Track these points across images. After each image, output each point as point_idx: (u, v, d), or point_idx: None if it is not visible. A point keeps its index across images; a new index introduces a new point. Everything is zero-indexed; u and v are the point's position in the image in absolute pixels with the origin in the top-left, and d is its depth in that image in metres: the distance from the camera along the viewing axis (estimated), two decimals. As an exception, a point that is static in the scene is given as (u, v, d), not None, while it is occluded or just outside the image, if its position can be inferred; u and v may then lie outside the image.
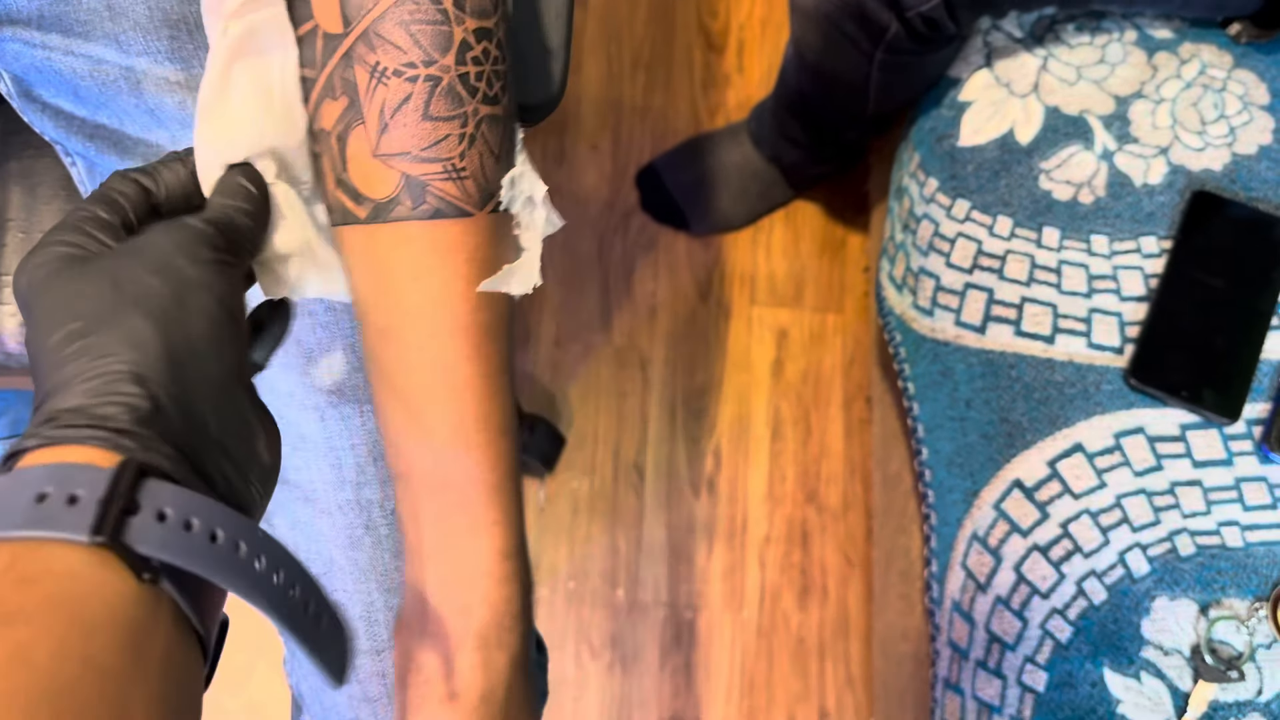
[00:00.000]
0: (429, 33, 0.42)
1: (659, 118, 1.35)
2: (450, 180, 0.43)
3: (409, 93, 0.42)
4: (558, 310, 1.27)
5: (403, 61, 0.41)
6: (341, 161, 0.43)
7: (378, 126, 0.42)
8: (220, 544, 0.30)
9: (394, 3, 0.41)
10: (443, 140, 0.42)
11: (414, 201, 0.43)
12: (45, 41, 0.55)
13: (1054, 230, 0.83)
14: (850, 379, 1.25)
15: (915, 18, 0.80)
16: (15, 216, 0.66)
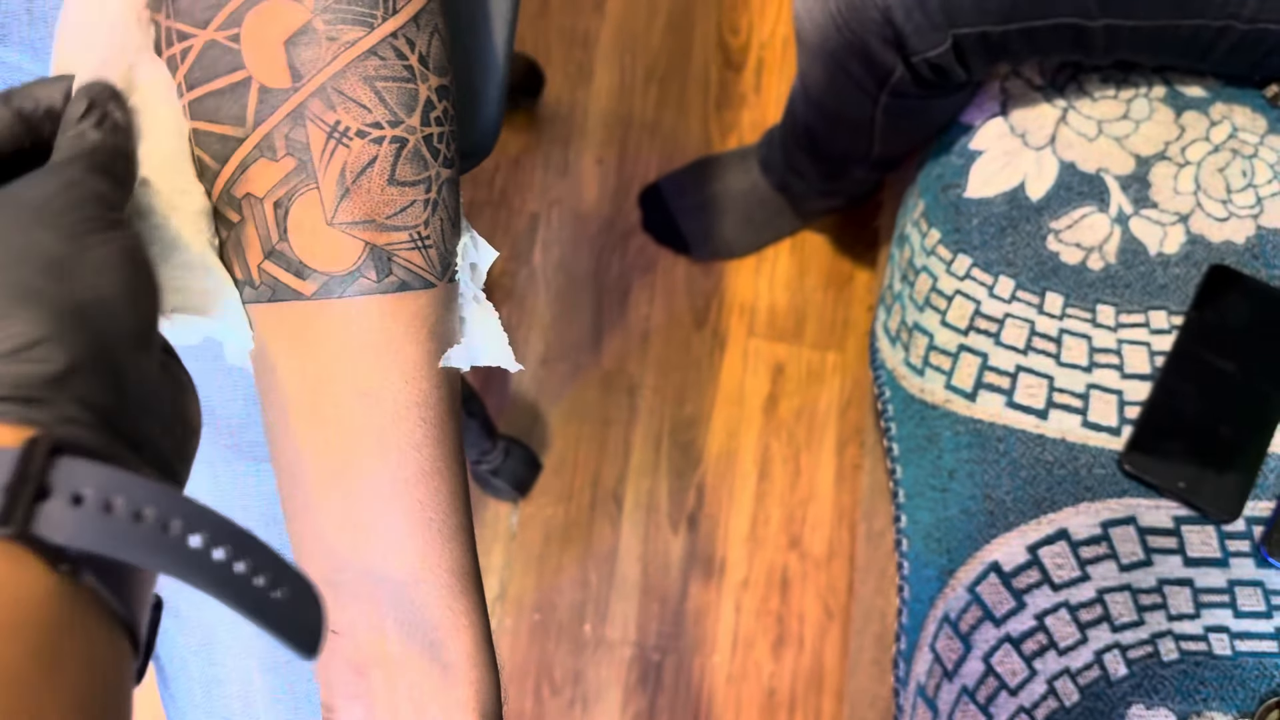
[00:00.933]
0: (396, 90, 0.38)
1: (669, 135, 1.31)
2: (416, 249, 0.39)
3: (374, 155, 0.38)
4: (547, 328, 1.23)
5: (367, 121, 0.37)
6: (280, 231, 0.38)
7: (336, 192, 0.38)
8: (147, 524, 0.26)
9: (357, 56, 0.37)
10: (409, 207, 0.39)
11: (378, 274, 0.38)
12: (-41, 41, 0.51)
13: (1058, 296, 0.78)
14: (846, 421, 1.20)
15: (921, 63, 0.75)
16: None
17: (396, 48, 0.38)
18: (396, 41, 0.38)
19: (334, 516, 0.39)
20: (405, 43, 0.38)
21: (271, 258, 0.38)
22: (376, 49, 0.37)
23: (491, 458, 1.10)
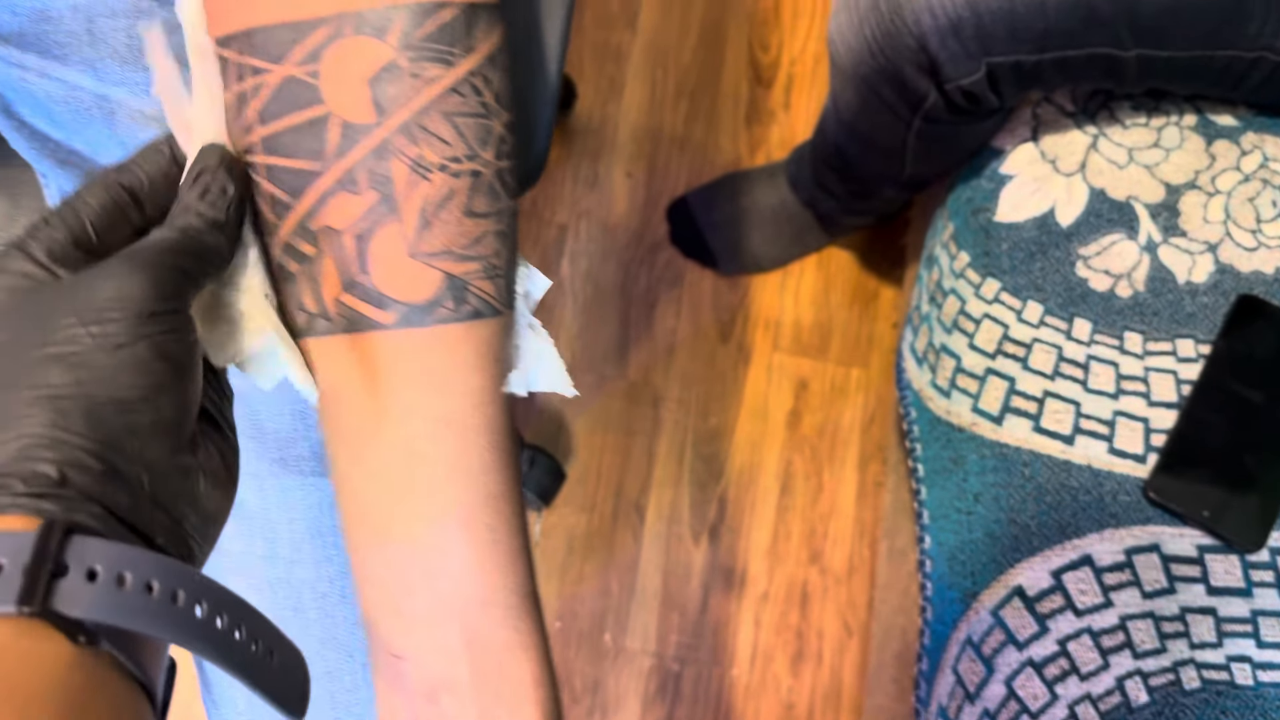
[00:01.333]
0: (473, 126, 0.39)
1: (698, 149, 1.32)
2: (488, 278, 0.40)
3: (453, 188, 0.39)
4: (574, 339, 1.24)
5: (447, 156, 0.39)
6: (360, 263, 0.39)
7: (417, 224, 0.39)
8: (156, 596, 0.29)
9: (440, 92, 0.38)
10: (483, 237, 0.40)
11: (455, 303, 0.40)
12: (22, 61, 0.53)
13: (1086, 322, 0.79)
14: (869, 438, 1.21)
15: (955, 90, 0.75)
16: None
17: (474, 85, 0.39)
18: (474, 79, 0.39)
19: (404, 543, 0.40)
20: (482, 80, 0.39)
21: (350, 290, 0.39)
22: (457, 86, 0.38)
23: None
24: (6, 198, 0.65)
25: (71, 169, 0.54)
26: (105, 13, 0.51)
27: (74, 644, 0.28)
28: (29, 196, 0.65)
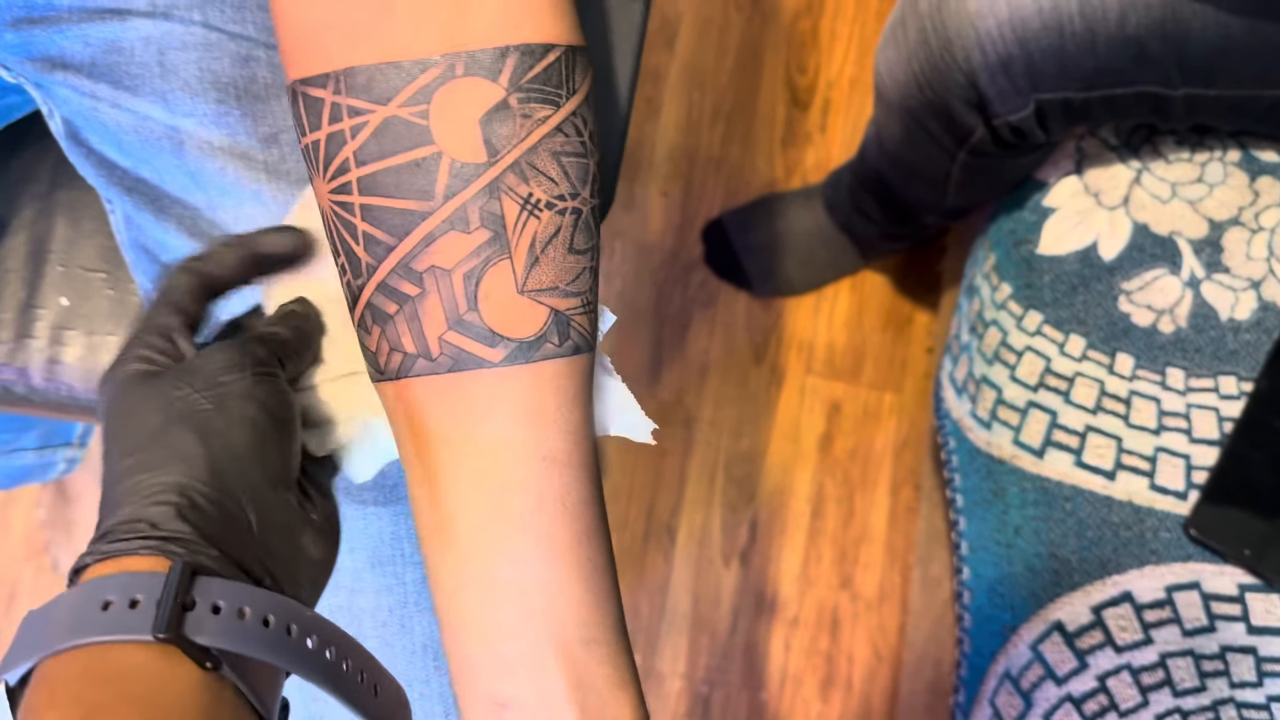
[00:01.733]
0: (576, 165, 0.40)
1: (734, 170, 1.32)
2: (585, 314, 0.41)
3: (559, 225, 0.40)
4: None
5: (554, 194, 0.40)
6: (471, 300, 0.39)
7: (527, 261, 0.39)
8: (273, 628, 0.33)
9: (548, 132, 0.39)
10: (582, 273, 0.41)
11: (560, 338, 0.40)
12: (95, 91, 0.54)
13: (1128, 357, 0.79)
14: (901, 463, 1.21)
15: (1003, 125, 0.76)
16: (56, 249, 0.65)
17: (576, 125, 0.40)
18: (576, 119, 0.40)
19: (505, 585, 0.40)
20: (582, 120, 0.40)
21: (457, 327, 0.39)
22: (562, 126, 0.39)
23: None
24: (69, 220, 0.66)
25: (138, 196, 0.55)
26: (176, 45, 0.52)
27: (202, 669, 0.32)
28: (91, 219, 0.66)
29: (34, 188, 0.66)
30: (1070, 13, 0.69)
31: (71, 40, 0.54)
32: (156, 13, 0.52)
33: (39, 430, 0.86)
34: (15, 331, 0.64)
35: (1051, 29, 0.69)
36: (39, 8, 0.55)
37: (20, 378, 0.63)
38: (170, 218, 0.53)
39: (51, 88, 0.57)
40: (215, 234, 0.52)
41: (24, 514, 1.12)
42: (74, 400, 0.64)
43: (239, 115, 0.51)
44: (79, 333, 0.64)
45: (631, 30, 0.45)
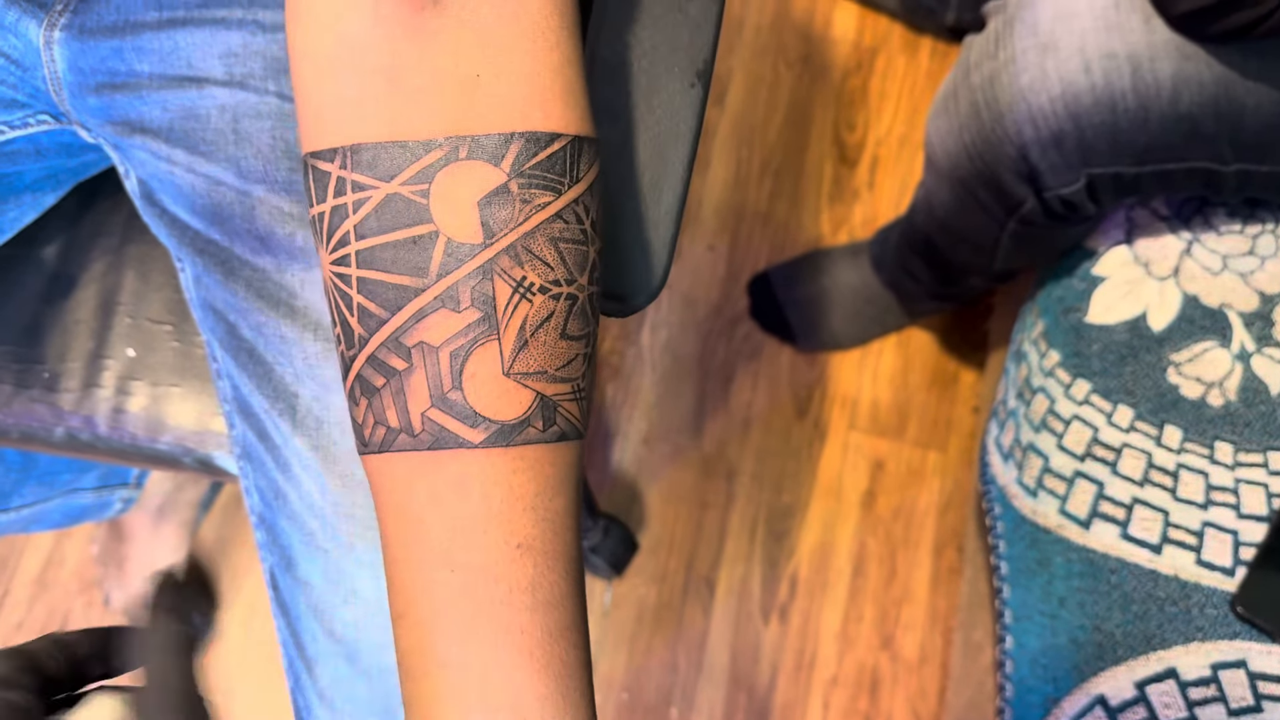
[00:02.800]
0: (574, 251, 0.41)
1: (781, 226, 1.33)
2: (575, 401, 0.41)
3: (552, 310, 0.40)
4: (651, 408, 1.25)
5: (549, 279, 0.40)
6: (454, 379, 0.39)
7: (515, 344, 0.40)
8: None
9: (546, 218, 0.40)
10: (574, 360, 0.41)
11: (544, 423, 0.40)
12: (171, 155, 0.56)
13: (1176, 430, 0.78)
14: (944, 523, 1.20)
15: (1054, 198, 0.76)
16: (125, 301, 0.67)
17: (577, 212, 0.41)
18: (577, 207, 0.41)
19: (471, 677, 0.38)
20: (583, 208, 0.41)
21: (440, 405, 0.39)
22: (562, 213, 0.40)
23: (591, 535, 1.12)
24: (138, 274, 0.68)
25: (208, 257, 0.56)
26: (250, 114, 0.54)
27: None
28: (159, 274, 0.68)
29: (105, 241, 0.69)
30: (1123, 89, 0.69)
31: (151, 106, 0.57)
32: (233, 82, 0.55)
33: (98, 471, 0.88)
34: (83, 380, 0.66)
35: (1104, 105, 0.70)
36: (121, 74, 0.57)
37: (86, 425, 0.65)
38: (239, 279, 0.55)
39: (129, 150, 0.59)
40: (282, 296, 0.54)
41: (77, 549, 1.15)
42: (136, 448, 0.66)
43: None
44: (144, 383, 0.66)
45: (690, 114, 0.46)
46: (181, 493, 1.01)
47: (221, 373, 0.58)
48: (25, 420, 0.65)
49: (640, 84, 0.47)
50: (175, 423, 0.65)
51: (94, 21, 0.58)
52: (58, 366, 0.66)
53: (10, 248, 0.68)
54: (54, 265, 0.68)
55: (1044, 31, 0.71)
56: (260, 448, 0.56)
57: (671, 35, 0.47)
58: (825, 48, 1.42)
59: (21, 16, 0.58)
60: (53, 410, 0.65)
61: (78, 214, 0.69)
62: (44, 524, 0.85)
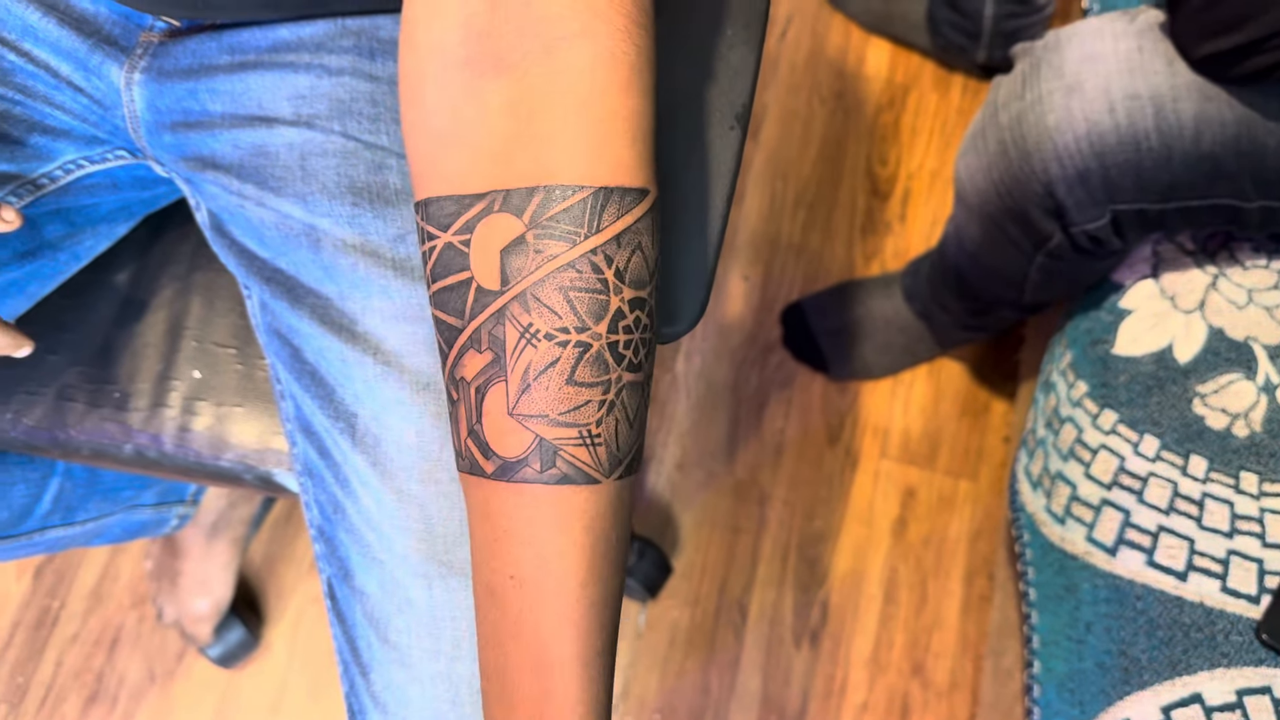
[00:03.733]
0: (586, 300, 0.42)
1: (814, 257, 1.36)
2: (583, 446, 0.43)
3: (557, 356, 0.42)
4: (685, 435, 1.28)
5: (555, 326, 0.42)
6: (477, 413, 0.44)
7: (519, 386, 0.43)
8: None
9: (557, 268, 0.42)
10: (583, 406, 0.43)
11: (542, 465, 0.43)
12: (241, 190, 0.60)
13: (1202, 460, 0.80)
14: (975, 551, 1.22)
15: (1080, 234, 0.79)
16: (192, 325, 0.71)
17: (594, 263, 0.42)
18: (595, 257, 0.42)
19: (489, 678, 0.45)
20: (603, 258, 0.42)
21: (471, 436, 0.44)
22: (575, 263, 0.42)
23: (627, 557, 1.15)
24: (204, 300, 0.72)
25: (275, 285, 0.60)
26: (317, 152, 0.58)
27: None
28: (224, 299, 0.72)
29: (174, 269, 0.73)
30: (1146, 129, 0.71)
31: (222, 143, 0.60)
32: (300, 122, 0.58)
33: (158, 488, 0.92)
34: (151, 400, 0.70)
35: (1128, 145, 0.72)
36: (195, 114, 0.61)
37: (153, 443, 0.69)
38: (304, 306, 0.58)
39: (201, 184, 0.63)
40: (344, 322, 0.57)
41: (131, 563, 1.18)
42: (200, 465, 0.69)
43: (371, 217, 0.57)
44: (209, 404, 0.69)
45: (730, 154, 0.49)
46: (234, 510, 1.05)
47: (285, 394, 0.62)
48: (96, 437, 0.69)
49: (683, 125, 0.50)
50: (237, 441, 0.69)
51: (171, 64, 0.62)
52: (128, 387, 0.70)
53: (85, 273, 0.72)
54: (125, 291, 0.72)
55: (1070, 73, 0.74)
56: (321, 464, 0.59)
57: (713, 81, 0.50)
58: (858, 84, 1.45)
59: (105, 60, 0.62)
60: (122, 428, 0.69)
61: (148, 243, 0.73)
62: (105, 538, 0.89)
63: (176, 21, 0.62)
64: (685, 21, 0.49)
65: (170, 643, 1.16)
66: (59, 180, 0.65)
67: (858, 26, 1.47)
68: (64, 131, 0.64)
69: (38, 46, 0.62)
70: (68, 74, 0.63)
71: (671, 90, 0.50)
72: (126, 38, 0.63)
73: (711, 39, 0.49)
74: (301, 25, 0.59)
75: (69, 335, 0.71)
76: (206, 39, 0.61)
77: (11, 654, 1.16)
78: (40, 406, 0.69)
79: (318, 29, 0.59)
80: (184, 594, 1.07)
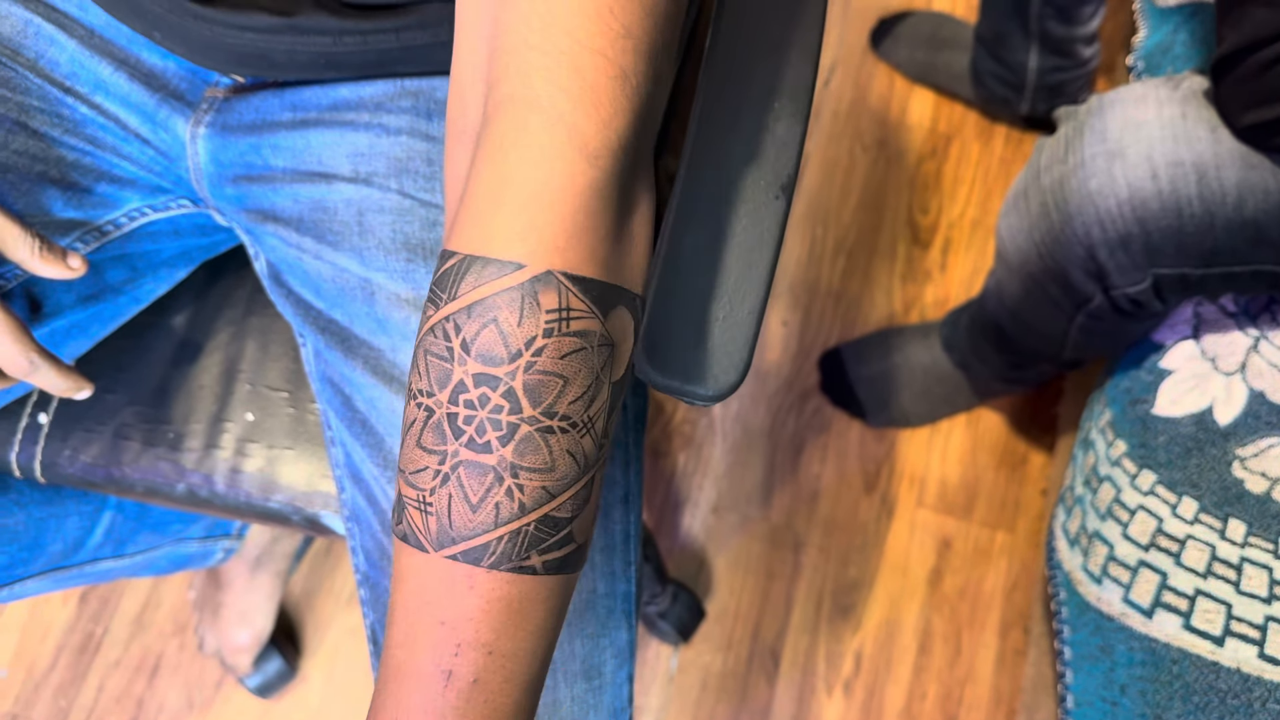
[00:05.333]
0: (437, 367, 0.42)
1: (852, 303, 1.37)
2: (419, 510, 0.43)
3: (414, 417, 0.43)
4: (720, 478, 1.29)
5: (416, 387, 0.44)
6: None
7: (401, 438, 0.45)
8: None
9: (425, 330, 0.43)
10: (422, 470, 0.43)
11: (395, 516, 0.45)
12: (300, 243, 0.62)
13: (1240, 524, 0.80)
14: (1011, 604, 1.21)
15: (1121, 296, 0.79)
16: (246, 369, 0.73)
17: (445, 329, 0.42)
18: (447, 324, 0.42)
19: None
20: (454, 326, 0.42)
21: None
22: (433, 327, 0.43)
23: (660, 600, 1.15)
24: (258, 345, 0.74)
25: (330, 335, 0.62)
26: (374, 209, 0.60)
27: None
28: (278, 344, 0.74)
29: (230, 313, 0.75)
30: (1189, 196, 0.72)
31: (283, 197, 0.63)
32: (359, 179, 0.60)
33: (205, 522, 0.94)
34: (204, 441, 0.72)
35: (1170, 210, 0.73)
36: (257, 168, 0.63)
37: (205, 483, 0.71)
38: (357, 357, 0.60)
39: (261, 235, 0.65)
40: (395, 373, 0.59)
41: (173, 591, 1.21)
42: (250, 505, 0.71)
43: (424, 272, 0.59)
44: (260, 445, 0.71)
45: (774, 224, 0.51)
46: (277, 545, 1.07)
47: (335, 440, 0.64)
48: (150, 476, 0.71)
49: (728, 194, 0.51)
50: (287, 483, 0.70)
51: (235, 119, 0.64)
52: (182, 427, 0.72)
53: (145, 316, 0.74)
54: (183, 333, 0.74)
55: (1113, 139, 0.74)
56: (369, 512, 0.60)
57: (759, 152, 0.51)
58: (901, 133, 1.46)
59: (171, 113, 0.65)
60: (176, 467, 0.71)
61: (205, 287, 0.76)
62: (152, 570, 0.91)
63: (241, 78, 0.64)
64: (736, 96, 0.51)
65: (209, 671, 1.18)
66: (123, 227, 0.67)
67: (901, 76, 1.48)
68: (130, 181, 0.67)
69: (109, 100, 0.65)
70: (136, 126, 0.65)
71: (716, 159, 0.51)
72: (193, 93, 0.65)
73: (759, 112, 0.50)
74: (362, 85, 0.61)
75: (127, 375, 0.73)
76: (270, 96, 0.63)
77: (55, 677, 1.19)
78: (97, 444, 0.72)
79: (377, 89, 0.61)
80: (226, 625, 1.08)
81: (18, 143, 0.63)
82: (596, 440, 0.43)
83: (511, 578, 0.42)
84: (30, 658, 1.20)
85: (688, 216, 0.50)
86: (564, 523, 0.43)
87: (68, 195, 0.64)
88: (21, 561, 0.76)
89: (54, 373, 0.57)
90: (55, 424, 0.72)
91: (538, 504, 0.42)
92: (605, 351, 0.43)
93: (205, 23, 0.58)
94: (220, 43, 0.59)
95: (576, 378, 0.42)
